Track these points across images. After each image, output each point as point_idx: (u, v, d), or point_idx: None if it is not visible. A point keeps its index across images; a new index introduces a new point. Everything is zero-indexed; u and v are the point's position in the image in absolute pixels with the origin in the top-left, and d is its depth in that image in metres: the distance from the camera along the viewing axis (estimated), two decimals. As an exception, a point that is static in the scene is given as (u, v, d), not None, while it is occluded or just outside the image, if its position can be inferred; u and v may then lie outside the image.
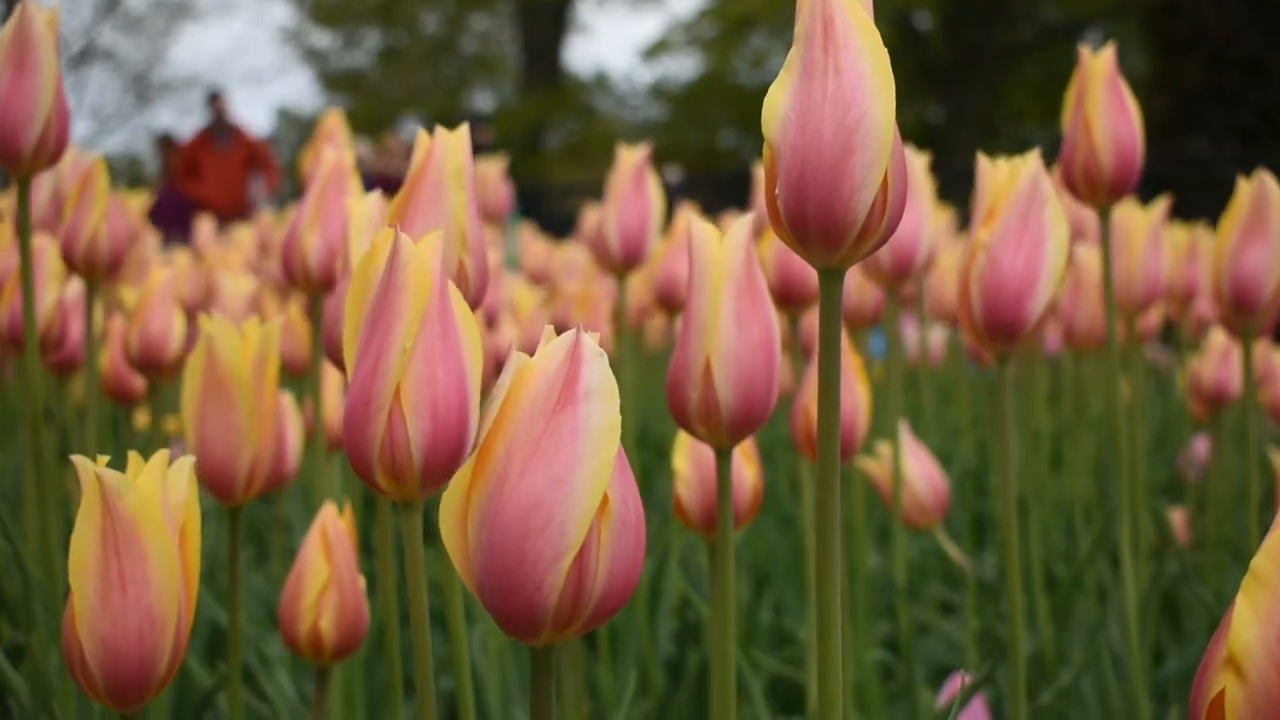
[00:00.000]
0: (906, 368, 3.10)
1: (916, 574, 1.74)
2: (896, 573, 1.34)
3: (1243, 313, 1.04)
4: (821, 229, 0.52)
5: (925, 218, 1.32)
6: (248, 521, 1.96)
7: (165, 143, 7.92)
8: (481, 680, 1.26)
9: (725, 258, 0.69)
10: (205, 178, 7.00)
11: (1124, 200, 1.10)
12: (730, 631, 0.75)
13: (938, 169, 1.56)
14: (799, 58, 0.52)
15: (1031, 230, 0.78)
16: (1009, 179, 0.79)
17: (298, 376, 1.92)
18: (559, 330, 0.45)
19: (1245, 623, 0.45)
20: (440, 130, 0.77)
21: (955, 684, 1.28)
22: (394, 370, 0.58)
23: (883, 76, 0.51)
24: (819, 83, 0.51)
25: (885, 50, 0.51)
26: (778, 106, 0.52)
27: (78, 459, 0.63)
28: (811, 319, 1.59)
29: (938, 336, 3.04)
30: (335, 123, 1.78)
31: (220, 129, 7.13)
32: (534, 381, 0.44)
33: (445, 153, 0.76)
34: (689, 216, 0.72)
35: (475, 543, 0.44)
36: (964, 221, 3.16)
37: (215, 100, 7.21)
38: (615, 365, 1.61)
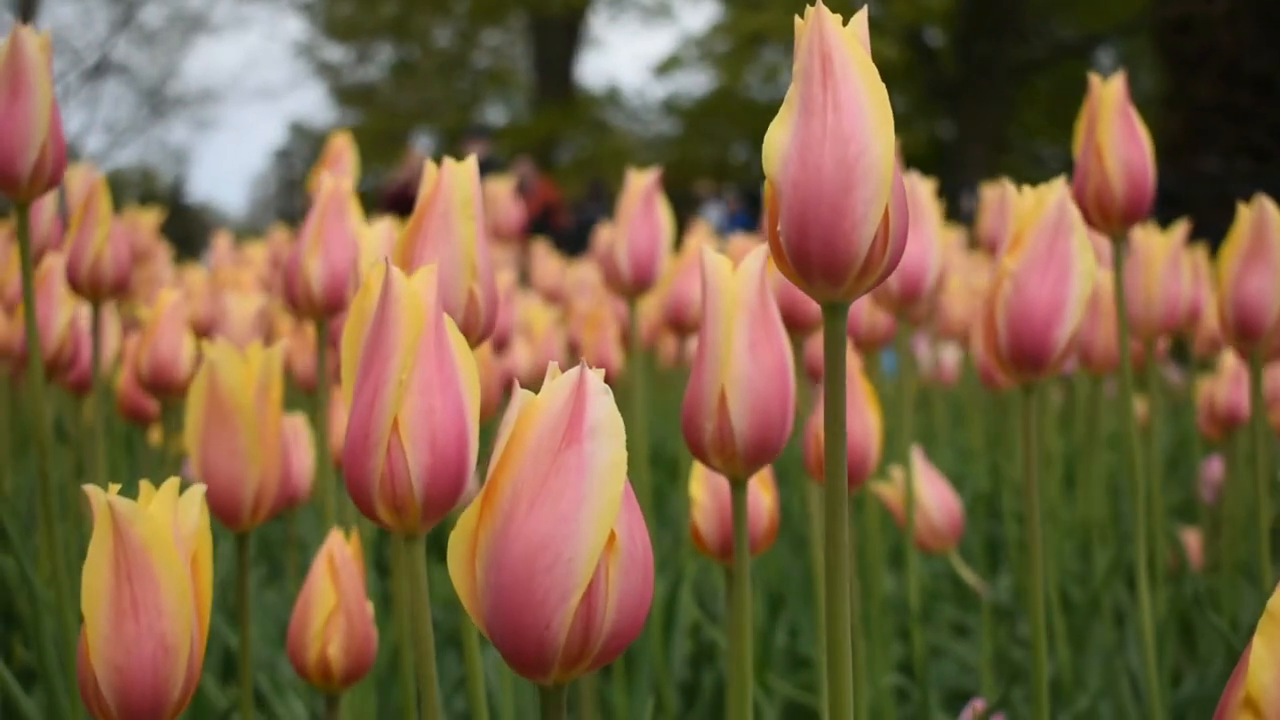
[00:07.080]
0: (920, 386, 3.10)
1: (929, 596, 1.73)
2: (910, 596, 1.34)
3: (1246, 339, 1.03)
4: (824, 265, 0.52)
5: (932, 243, 1.32)
6: (261, 540, 1.96)
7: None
8: (496, 702, 1.26)
9: (738, 288, 0.69)
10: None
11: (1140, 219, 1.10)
12: (748, 664, 0.75)
13: (947, 189, 1.56)
14: (798, 94, 0.52)
15: (1058, 258, 0.78)
16: (1035, 206, 0.79)
17: (313, 394, 1.92)
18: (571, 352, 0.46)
19: (1263, 664, 0.45)
20: (449, 160, 0.77)
21: (970, 713, 1.27)
22: (391, 403, 0.57)
23: (881, 111, 0.51)
24: (818, 119, 0.51)
25: (883, 86, 0.52)
26: (778, 143, 0.52)
27: (89, 488, 0.63)
28: (816, 342, 1.58)
29: (950, 356, 3.03)
30: (343, 144, 1.78)
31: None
32: (539, 419, 0.44)
33: (453, 183, 0.76)
34: (701, 243, 0.72)
35: (483, 582, 0.44)
36: (972, 240, 3.15)
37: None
38: (627, 385, 1.60)
